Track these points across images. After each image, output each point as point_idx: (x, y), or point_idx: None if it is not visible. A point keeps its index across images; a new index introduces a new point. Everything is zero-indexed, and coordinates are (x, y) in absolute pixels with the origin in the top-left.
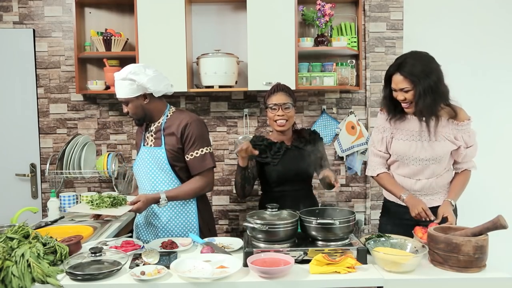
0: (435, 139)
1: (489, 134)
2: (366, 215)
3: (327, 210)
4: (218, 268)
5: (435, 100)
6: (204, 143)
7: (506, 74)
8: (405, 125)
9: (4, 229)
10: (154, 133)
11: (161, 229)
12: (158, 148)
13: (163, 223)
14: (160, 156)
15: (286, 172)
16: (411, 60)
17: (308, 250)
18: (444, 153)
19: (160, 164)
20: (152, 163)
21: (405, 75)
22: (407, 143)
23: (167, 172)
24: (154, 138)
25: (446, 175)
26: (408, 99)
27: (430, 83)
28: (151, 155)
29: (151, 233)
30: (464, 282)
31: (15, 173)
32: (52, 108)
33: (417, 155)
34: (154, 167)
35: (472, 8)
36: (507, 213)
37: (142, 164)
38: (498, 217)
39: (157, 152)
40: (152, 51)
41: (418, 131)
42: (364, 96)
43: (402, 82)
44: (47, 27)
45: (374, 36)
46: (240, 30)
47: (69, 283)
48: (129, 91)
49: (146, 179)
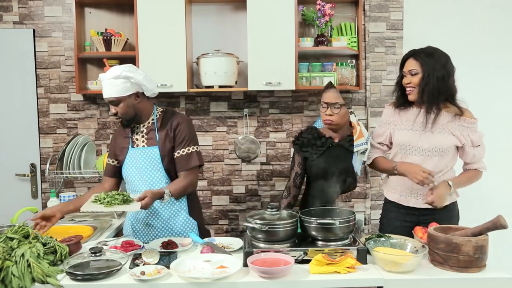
0: (434, 130)
1: (489, 133)
2: (366, 215)
3: (327, 210)
4: (218, 268)
5: (439, 91)
6: (192, 142)
7: (506, 74)
8: (408, 116)
9: (4, 229)
10: (146, 133)
11: (161, 229)
12: (153, 147)
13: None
14: (155, 155)
15: (324, 167)
16: (429, 49)
17: (308, 250)
18: (447, 146)
19: (155, 163)
20: (147, 163)
21: (417, 59)
22: (410, 133)
23: (160, 171)
24: (146, 138)
25: (448, 174)
26: (413, 83)
27: (439, 73)
28: (144, 155)
29: (150, 234)
30: (464, 282)
31: (15, 173)
32: (52, 108)
33: (418, 145)
34: (149, 167)
35: (472, 8)
36: (507, 213)
37: (134, 165)
38: (498, 217)
39: (151, 152)
40: (152, 51)
41: (421, 122)
42: (364, 96)
43: (412, 64)
44: (47, 27)
45: (374, 36)
46: (240, 30)
47: (69, 283)
48: (122, 89)
49: (141, 180)
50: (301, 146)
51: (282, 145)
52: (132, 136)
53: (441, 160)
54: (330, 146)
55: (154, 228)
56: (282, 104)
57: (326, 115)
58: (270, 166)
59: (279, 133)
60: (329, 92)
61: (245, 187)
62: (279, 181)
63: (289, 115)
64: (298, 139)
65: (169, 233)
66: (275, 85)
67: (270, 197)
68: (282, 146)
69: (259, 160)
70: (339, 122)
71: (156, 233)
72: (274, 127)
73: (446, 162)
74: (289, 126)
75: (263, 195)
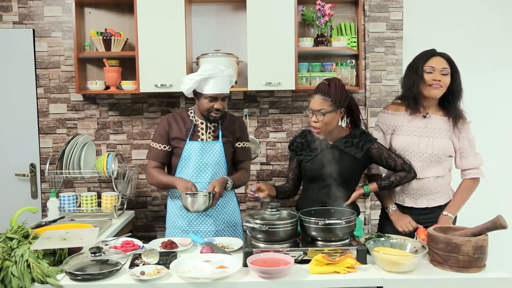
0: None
1: (489, 134)
2: (366, 215)
3: (327, 210)
4: (217, 268)
5: (460, 92)
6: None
7: (506, 74)
8: (409, 122)
9: None
10: (213, 131)
11: (215, 217)
12: (216, 142)
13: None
14: (218, 149)
15: (317, 170)
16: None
17: (308, 250)
18: (445, 151)
19: (219, 157)
20: (212, 156)
21: (446, 58)
22: (410, 138)
23: (223, 165)
24: (213, 132)
25: (447, 176)
26: (444, 82)
27: (460, 76)
28: (210, 149)
29: (205, 222)
30: (463, 282)
31: (15, 173)
32: (52, 108)
33: (419, 150)
34: (214, 160)
35: (472, 8)
36: (507, 213)
37: (197, 157)
38: (497, 217)
39: (215, 146)
40: (152, 51)
41: (422, 128)
42: (364, 96)
43: (443, 63)
44: (47, 27)
45: (374, 36)
46: (240, 30)
47: (69, 283)
48: (228, 86)
49: (207, 171)
50: (296, 151)
51: (282, 145)
52: (194, 129)
53: (439, 166)
54: (324, 148)
55: (209, 217)
56: (282, 104)
57: (313, 121)
58: (270, 166)
59: (279, 133)
60: (314, 98)
61: (245, 187)
62: (279, 181)
63: (289, 115)
64: (293, 144)
65: (222, 221)
66: (275, 85)
67: (270, 197)
68: (282, 146)
69: (259, 160)
70: (324, 128)
71: (211, 221)
72: (274, 127)
73: (444, 166)
74: (289, 126)
75: None
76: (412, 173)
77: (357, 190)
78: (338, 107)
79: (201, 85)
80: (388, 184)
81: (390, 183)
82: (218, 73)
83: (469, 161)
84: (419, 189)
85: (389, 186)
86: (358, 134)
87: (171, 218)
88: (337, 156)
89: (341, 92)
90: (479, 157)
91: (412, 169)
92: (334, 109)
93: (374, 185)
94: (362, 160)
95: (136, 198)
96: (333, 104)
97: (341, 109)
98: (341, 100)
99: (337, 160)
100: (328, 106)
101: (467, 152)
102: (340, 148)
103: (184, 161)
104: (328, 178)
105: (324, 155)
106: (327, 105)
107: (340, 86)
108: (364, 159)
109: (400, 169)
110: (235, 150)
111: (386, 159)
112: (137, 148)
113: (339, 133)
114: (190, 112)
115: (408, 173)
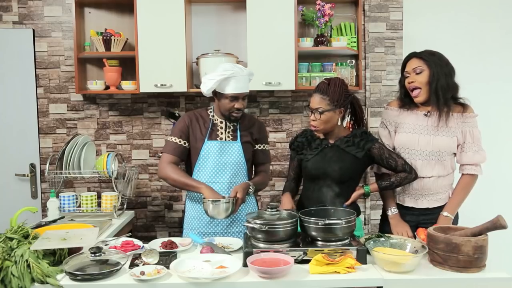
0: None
1: (489, 133)
2: (366, 215)
3: (327, 210)
4: (217, 268)
5: (448, 87)
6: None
7: (506, 73)
8: (411, 119)
9: None
10: (232, 130)
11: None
12: (235, 142)
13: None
14: (237, 149)
15: (317, 169)
16: (429, 50)
17: (307, 250)
18: (450, 149)
19: (238, 157)
20: (230, 156)
21: (421, 57)
22: (411, 135)
23: (243, 165)
24: (232, 131)
25: (449, 177)
26: (419, 82)
27: (446, 69)
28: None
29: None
30: (463, 282)
31: (15, 173)
32: (51, 108)
33: (420, 148)
34: (233, 160)
35: (472, 8)
36: (507, 213)
37: (216, 157)
38: (497, 217)
39: (234, 146)
40: (151, 51)
41: (423, 126)
42: (364, 96)
43: (416, 63)
44: (47, 27)
45: (373, 36)
46: (240, 30)
47: (69, 283)
48: (248, 85)
49: (226, 171)
50: (297, 150)
51: (282, 145)
52: (212, 128)
53: (441, 165)
54: (325, 147)
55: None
56: (282, 104)
57: (312, 120)
58: (270, 166)
59: (279, 133)
60: (313, 96)
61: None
62: (279, 181)
63: (289, 115)
64: (293, 143)
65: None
66: (275, 85)
67: (270, 197)
68: (282, 146)
69: None
70: (322, 127)
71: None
72: (274, 127)
73: (446, 165)
74: (289, 126)
75: (263, 195)
76: (413, 174)
77: (357, 190)
78: (337, 106)
79: (222, 85)
80: (389, 185)
81: (390, 184)
82: (238, 73)
83: (468, 156)
84: (419, 189)
85: (389, 186)
86: (359, 133)
87: (189, 220)
88: (338, 156)
89: (339, 92)
90: (481, 153)
91: (413, 170)
92: (332, 108)
93: (374, 185)
94: (363, 159)
95: (136, 198)
96: (331, 103)
97: (340, 109)
98: (339, 99)
99: (338, 160)
100: (326, 105)
101: (468, 146)
102: (341, 147)
103: (202, 160)
104: (328, 177)
105: (324, 154)
106: (325, 104)
107: (340, 85)
108: (365, 159)
109: (401, 169)
110: (255, 152)
111: (387, 159)
112: (137, 148)
113: (340, 133)
114: (210, 111)
115: (409, 174)
